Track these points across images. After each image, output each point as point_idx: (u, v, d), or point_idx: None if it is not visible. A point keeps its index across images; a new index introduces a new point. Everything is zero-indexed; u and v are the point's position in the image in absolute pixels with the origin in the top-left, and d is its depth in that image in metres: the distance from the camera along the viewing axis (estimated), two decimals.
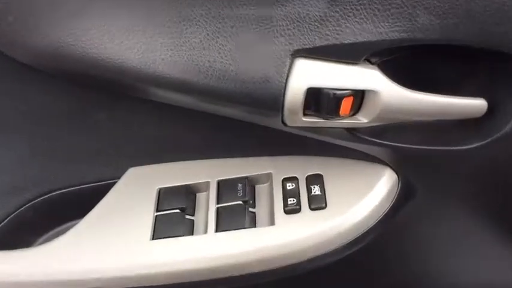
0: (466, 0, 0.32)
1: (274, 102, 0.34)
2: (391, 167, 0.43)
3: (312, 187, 0.43)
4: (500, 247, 0.49)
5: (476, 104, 0.37)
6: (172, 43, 0.33)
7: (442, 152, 0.39)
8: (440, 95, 0.36)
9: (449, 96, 0.36)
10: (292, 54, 0.33)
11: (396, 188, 0.44)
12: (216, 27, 0.33)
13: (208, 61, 0.34)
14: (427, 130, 0.39)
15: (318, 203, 0.42)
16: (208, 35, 0.33)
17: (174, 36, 0.33)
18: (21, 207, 0.50)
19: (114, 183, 0.48)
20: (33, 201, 0.50)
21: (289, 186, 0.44)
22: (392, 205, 0.44)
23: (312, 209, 0.42)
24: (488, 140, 0.38)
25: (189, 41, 0.33)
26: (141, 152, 0.48)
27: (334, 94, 0.34)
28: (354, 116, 0.37)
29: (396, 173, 0.43)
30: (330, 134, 0.40)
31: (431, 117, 0.37)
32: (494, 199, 0.44)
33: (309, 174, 0.44)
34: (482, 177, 0.42)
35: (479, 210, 0.45)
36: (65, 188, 0.50)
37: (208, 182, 0.46)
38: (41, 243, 0.50)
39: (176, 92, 0.35)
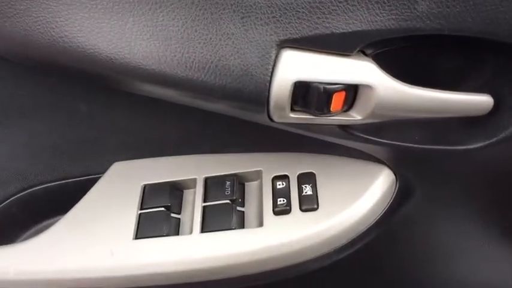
0: None
1: (259, 96, 0.31)
2: (388, 166, 0.41)
3: (303, 186, 0.41)
4: (501, 247, 0.47)
5: (481, 101, 0.34)
6: (147, 32, 0.31)
7: (444, 151, 0.37)
8: (441, 91, 0.33)
9: (451, 92, 0.33)
10: (278, 45, 0.31)
11: (393, 188, 0.41)
12: (195, 14, 0.30)
13: (187, 51, 0.31)
14: (427, 128, 0.36)
15: (309, 204, 0.40)
16: (186, 23, 0.31)
17: (149, 24, 0.31)
18: (4, 201, 0.48)
19: (99, 178, 0.46)
20: (17, 196, 0.48)
21: (280, 185, 0.42)
22: (389, 206, 0.41)
23: (302, 210, 0.40)
24: (493, 139, 0.35)
25: (165, 29, 0.31)
26: (126, 146, 0.46)
27: (325, 88, 0.31)
28: (347, 112, 0.34)
29: (394, 173, 0.41)
30: (321, 131, 0.38)
31: (432, 115, 0.34)
32: (497, 200, 0.41)
33: (300, 172, 0.42)
34: (485, 178, 0.39)
35: (480, 210, 0.43)
36: (48, 183, 0.48)
37: (195, 179, 0.44)
38: (24, 239, 0.49)
39: (153, 84, 0.33)
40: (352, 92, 0.33)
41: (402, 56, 0.32)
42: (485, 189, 0.41)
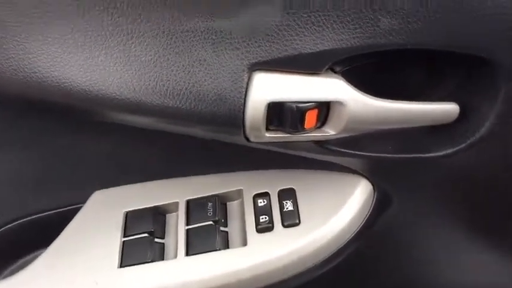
0: (431, 2, 0.30)
1: (234, 119, 0.32)
2: (365, 177, 0.42)
3: (284, 203, 0.41)
4: (478, 251, 0.48)
5: (448, 109, 0.35)
6: (121, 62, 0.31)
7: (415, 159, 0.38)
8: (409, 102, 0.34)
9: (418, 102, 0.34)
10: (249, 68, 0.31)
11: (372, 198, 0.42)
12: (166, 43, 0.31)
13: (161, 80, 0.31)
14: (398, 138, 0.37)
15: (291, 220, 0.40)
16: (158, 51, 0.31)
17: (122, 54, 0.31)
18: None
19: (80, 208, 0.46)
20: None
21: (261, 202, 0.42)
22: (369, 216, 0.42)
23: (285, 226, 0.40)
24: (462, 145, 0.36)
25: (138, 59, 0.31)
26: (105, 174, 0.46)
27: (297, 107, 0.32)
28: (321, 129, 0.35)
29: (371, 183, 0.42)
30: (298, 147, 0.38)
31: (402, 125, 0.36)
32: (470, 205, 0.42)
33: (280, 188, 0.42)
34: (456, 183, 0.41)
35: (455, 216, 0.44)
36: (30, 216, 0.48)
37: (177, 202, 0.44)
38: (6, 276, 0.48)
39: (129, 113, 0.33)
40: (325, 108, 0.34)
41: (370, 71, 0.34)
42: (459, 195, 0.42)
